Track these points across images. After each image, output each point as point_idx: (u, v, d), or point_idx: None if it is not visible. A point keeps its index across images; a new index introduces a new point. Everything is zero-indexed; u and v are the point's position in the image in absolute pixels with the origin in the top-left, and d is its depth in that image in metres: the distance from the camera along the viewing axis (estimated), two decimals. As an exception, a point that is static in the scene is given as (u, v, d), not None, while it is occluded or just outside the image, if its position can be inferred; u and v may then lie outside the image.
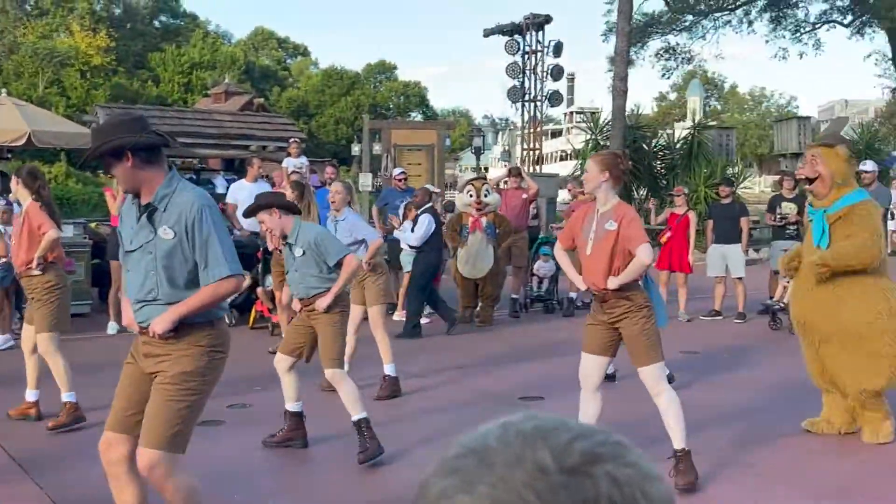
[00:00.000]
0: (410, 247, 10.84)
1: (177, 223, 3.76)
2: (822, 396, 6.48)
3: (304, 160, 15.27)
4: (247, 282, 8.66)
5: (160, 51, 57.24)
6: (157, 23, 64.12)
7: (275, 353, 6.25)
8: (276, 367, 6.05)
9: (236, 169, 17.70)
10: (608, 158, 5.45)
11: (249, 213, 6.16)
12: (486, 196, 11.32)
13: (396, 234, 11.06)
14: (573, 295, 12.23)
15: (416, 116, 71.91)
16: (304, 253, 5.83)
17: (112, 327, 10.48)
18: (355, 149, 33.50)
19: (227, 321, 4.17)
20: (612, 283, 5.16)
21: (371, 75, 75.14)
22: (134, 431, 3.80)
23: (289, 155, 15.08)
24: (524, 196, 12.40)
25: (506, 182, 12.88)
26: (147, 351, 3.84)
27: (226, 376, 4.05)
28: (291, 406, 6.07)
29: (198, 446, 4.33)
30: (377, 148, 25.11)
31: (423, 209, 10.74)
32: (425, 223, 10.55)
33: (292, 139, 15.54)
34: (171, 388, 3.73)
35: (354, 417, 5.72)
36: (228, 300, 4.52)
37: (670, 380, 6.09)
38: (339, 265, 5.83)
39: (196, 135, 16.17)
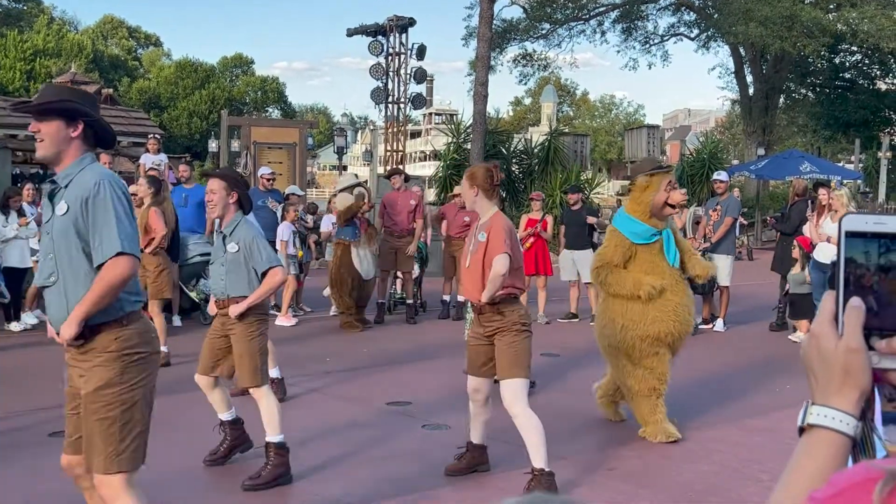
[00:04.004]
0: None
1: (73, 199, 3.54)
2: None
3: (162, 157, 14.84)
4: None
5: (0, 36, 54.12)
6: (-4, 5, 60.71)
7: None
8: (199, 384, 5.75)
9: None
10: (477, 173, 5.50)
11: (208, 173, 6.20)
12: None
13: None
14: (446, 298, 12.48)
15: (274, 112, 70.89)
16: (237, 250, 5.54)
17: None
18: (212, 145, 32.66)
19: (142, 314, 3.76)
20: (483, 296, 5.23)
21: (227, 69, 73.55)
22: (81, 452, 3.70)
23: (147, 151, 14.64)
24: (412, 201, 12.15)
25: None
26: (69, 360, 3.67)
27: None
28: (225, 415, 5.79)
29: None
30: (235, 144, 24.58)
31: None
32: None
33: (151, 135, 15.06)
34: (93, 407, 3.53)
35: (270, 438, 5.44)
36: None
37: (531, 385, 6.26)
38: (264, 274, 5.52)
39: (44, 127, 15.33)
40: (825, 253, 9.85)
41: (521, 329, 5.30)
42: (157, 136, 15.11)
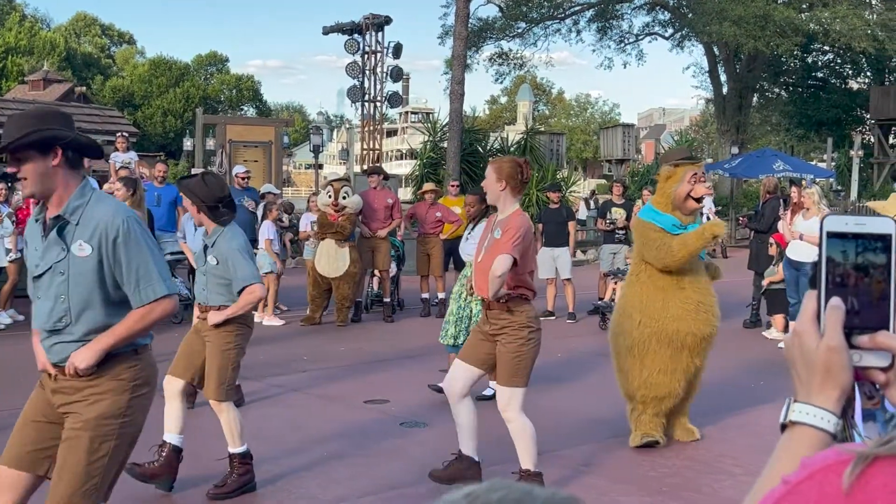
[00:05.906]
0: None
1: (94, 237, 3.29)
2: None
3: (132, 155, 14.75)
4: None
5: (-29, 33, 53.61)
6: (-34, 2, 60.05)
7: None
8: (165, 389, 5.32)
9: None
10: (504, 166, 5.11)
11: (182, 182, 5.52)
12: (344, 198, 11.30)
13: None
14: (426, 296, 12.49)
15: (250, 110, 70.56)
16: (217, 263, 5.29)
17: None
18: (187, 143, 32.48)
19: (150, 350, 3.58)
20: (489, 292, 5.00)
21: (201, 67, 73.12)
22: (34, 469, 3.38)
23: (116, 150, 14.53)
24: (388, 199, 12.04)
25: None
26: (56, 387, 3.36)
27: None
28: (171, 437, 5.31)
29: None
30: (211, 143, 24.47)
31: None
32: None
33: (119, 133, 14.97)
34: (85, 437, 3.27)
35: (233, 450, 5.25)
36: None
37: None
38: (240, 291, 5.21)
39: (16, 126, 15.20)
40: (797, 251, 9.94)
41: (528, 336, 5.04)
42: (124, 133, 15.05)
